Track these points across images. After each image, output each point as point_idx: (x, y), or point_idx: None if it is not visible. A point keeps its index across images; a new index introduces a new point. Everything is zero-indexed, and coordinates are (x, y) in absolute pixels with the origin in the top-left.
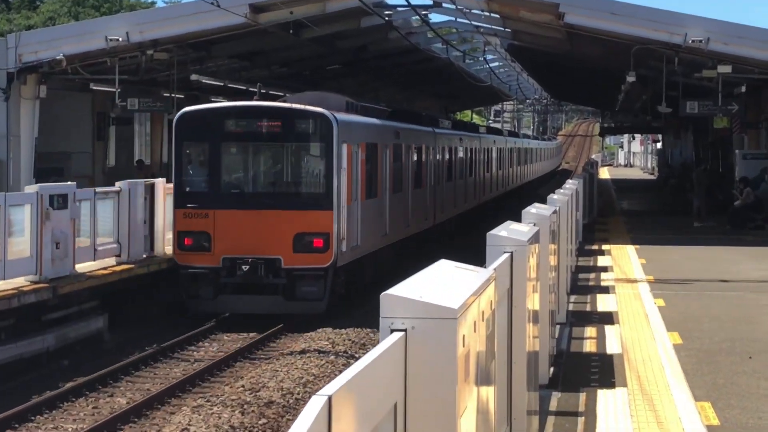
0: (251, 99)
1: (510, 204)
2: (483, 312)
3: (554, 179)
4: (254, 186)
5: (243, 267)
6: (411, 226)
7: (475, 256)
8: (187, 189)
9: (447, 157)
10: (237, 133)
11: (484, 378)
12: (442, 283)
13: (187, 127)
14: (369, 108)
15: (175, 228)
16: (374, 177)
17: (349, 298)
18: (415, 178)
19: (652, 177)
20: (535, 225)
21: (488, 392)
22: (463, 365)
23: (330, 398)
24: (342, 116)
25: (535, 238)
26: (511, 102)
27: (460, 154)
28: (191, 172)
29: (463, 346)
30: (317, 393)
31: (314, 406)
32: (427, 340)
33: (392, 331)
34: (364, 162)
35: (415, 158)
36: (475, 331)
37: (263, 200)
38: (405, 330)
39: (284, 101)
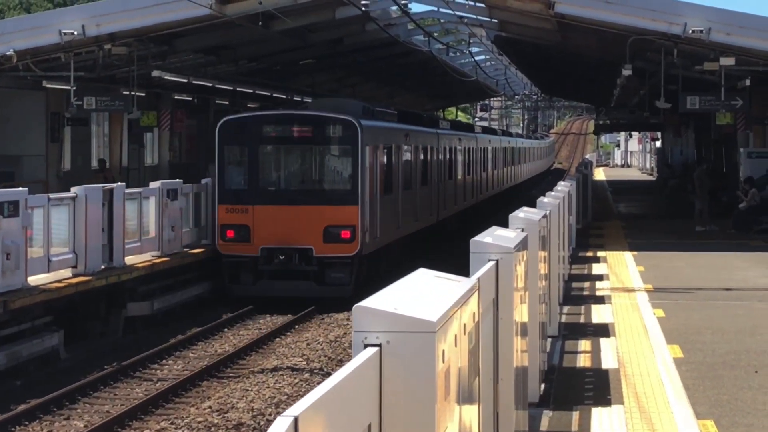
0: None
1: (509, 201)
2: (465, 325)
3: (547, 179)
4: (288, 184)
5: (279, 256)
6: (419, 221)
7: None
8: (229, 187)
9: (448, 156)
10: (273, 137)
11: (466, 396)
12: (419, 294)
13: (229, 133)
14: (382, 112)
15: (218, 221)
16: (389, 175)
17: (370, 285)
18: (422, 176)
19: (651, 178)
20: (523, 230)
21: (472, 411)
22: (442, 382)
23: (296, 419)
24: (365, 121)
25: (522, 245)
26: (499, 98)
27: (460, 154)
28: (232, 172)
29: (443, 361)
30: (282, 414)
31: (278, 428)
32: (403, 355)
33: (366, 346)
34: (382, 162)
35: (422, 158)
36: (456, 346)
37: (296, 197)
38: (380, 345)
39: (306, 108)
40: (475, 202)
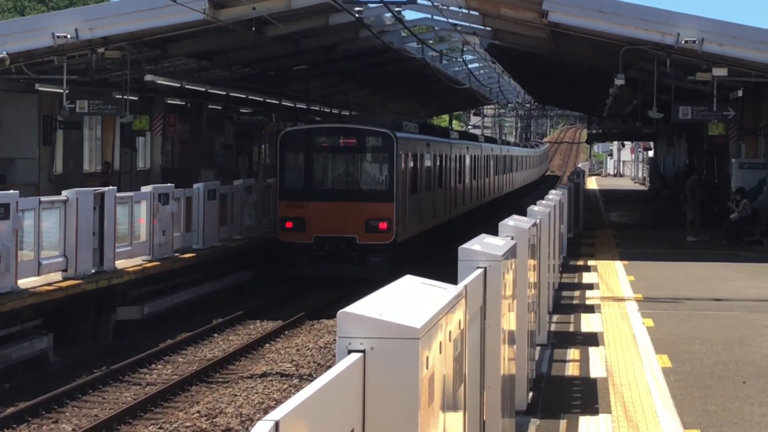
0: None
1: (507, 204)
2: (450, 332)
3: (541, 187)
4: (336, 184)
5: (329, 243)
6: (435, 218)
7: None
8: (289, 187)
9: (458, 163)
10: (324, 146)
11: (451, 403)
12: (405, 301)
13: (288, 142)
14: (407, 125)
15: (279, 215)
16: (415, 178)
17: (401, 268)
18: (438, 180)
19: (643, 187)
20: (512, 238)
21: (457, 418)
22: (426, 389)
23: (277, 424)
24: (399, 133)
25: (511, 253)
26: (492, 106)
27: (467, 161)
28: (291, 174)
29: (427, 368)
30: (263, 418)
31: None
32: (387, 361)
33: (350, 351)
34: (409, 167)
35: (438, 164)
36: (440, 353)
37: (343, 195)
38: (364, 351)
39: (348, 122)
40: (479, 204)
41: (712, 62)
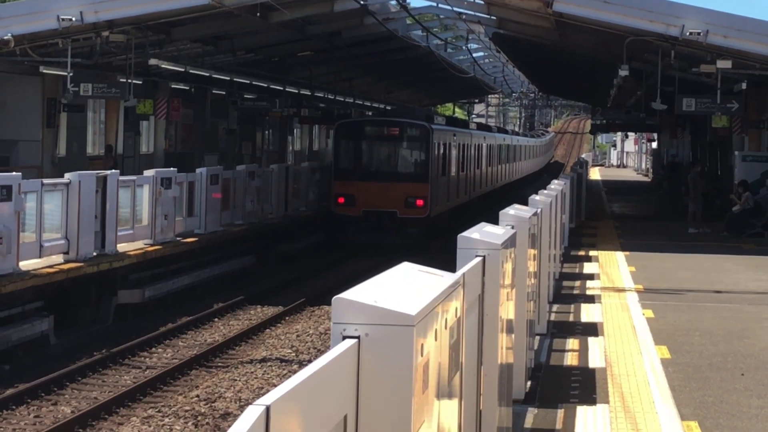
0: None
1: (517, 189)
2: (446, 319)
3: (548, 172)
4: (381, 167)
5: (374, 216)
6: (459, 198)
7: None
8: (342, 168)
9: (476, 151)
10: (372, 135)
11: (446, 391)
12: (401, 288)
13: (342, 132)
14: (436, 117)
15: (333, 192)
16: (444, 163)
17: (433, 238)
18: (461, 165)
19: (646, 179)
20: (512, 228)
21: (452, 406)
22: (421, 376)
23: (268, 408)
24: (433, 125)
25: (511, 242)
26: (497, 95)
27: (484, 149)
28: (344, 158)
29: (422, 355)
30: (254, 402)
31: (249, 417)
32: (381, 348)
33: (344, 338)
34: (440, 154)
35: (461, 152)
36: (436, 340)
37: (387, 176)
38: (358, 337)
39: (390, 115)
40: (493, 188)
41: (717, 54)
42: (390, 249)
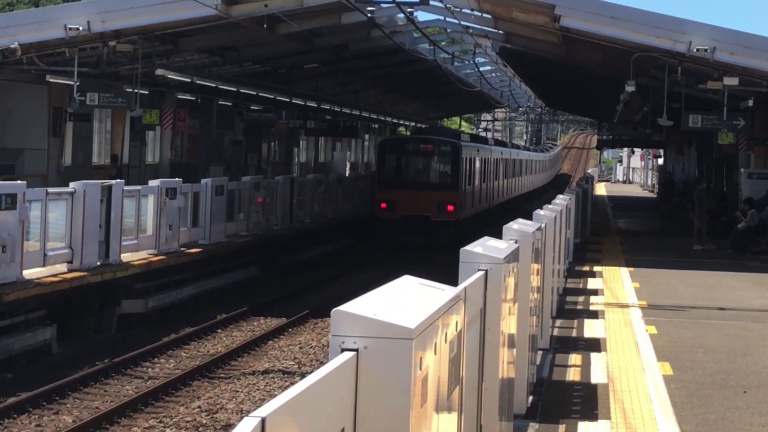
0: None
1: (529, 201)
2: (446, 333)
3: (556, 186)
4: (418, 177)
5: (411, 220)
6: (481, 205)
7: None
8: (384, 178)
9: (494, 165)
10: (410, 150)
11: (446, 404)
12: (401, 301)
13: (385, 148)
14: (463, 134)
15: (377, 198)
16: (469, 175)
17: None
18: (483, 176)
19: (652, 195)
20: (516, 242)
21: (451, 420)
22: (419, 390)
23: (264, 420)
24: (461, 142)
25: (513, 256)
26: (503, 109)
27: (501, 163)
28: (386, 170)
29: (420, 369)
30: (250, 414)
31: (244, 429)
32: (380, 361)
33: (343, 350)
34: (467, 167)
35: (483, 165)
36: (436, 354)
37: (423, 185)
38: (357, 350)
39: (425, 133)
40: (509, 198)
41: (724, 71)
42: (422, 248)
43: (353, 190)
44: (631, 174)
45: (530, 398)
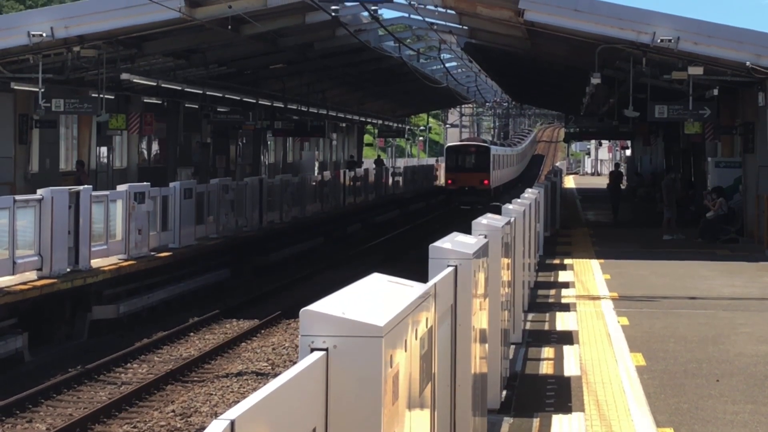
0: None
1: (523, 181)
2: (417, 330)
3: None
4: (467, 165)
5: (466, 188)
6: (502, 181)
7: None
8: (449, 167)
9: (504, 158)
10: (461, 151)
11: (418, 401)
12: (370, 299)
13: (449, 150)
14: (491, 140)
15: (446, 178)
16: (496, 164)
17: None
18: (500, 165)
19: (620, 186)
20: (485, 237)
21: (424, 416)
22: (390, 387)
23: (233, 423)
24: (491, 146)
25: (483, 252)
26: (470, 105)
27: (506, 158)
28: (450, 163)
29: (391, 366)
30: (219, 417)
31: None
32: (350, 360)
33: (312, 350)
34: (494, 160)
35: (499, 158)
36: (406, 351)
37: (470, 169)
38: (326, 349)
39: (468, 140)
40: (510, 180)
41: (688, 61)
42: (469, 211)
43: (322, 189)
44: (599, 166)
45: (504, 393)
